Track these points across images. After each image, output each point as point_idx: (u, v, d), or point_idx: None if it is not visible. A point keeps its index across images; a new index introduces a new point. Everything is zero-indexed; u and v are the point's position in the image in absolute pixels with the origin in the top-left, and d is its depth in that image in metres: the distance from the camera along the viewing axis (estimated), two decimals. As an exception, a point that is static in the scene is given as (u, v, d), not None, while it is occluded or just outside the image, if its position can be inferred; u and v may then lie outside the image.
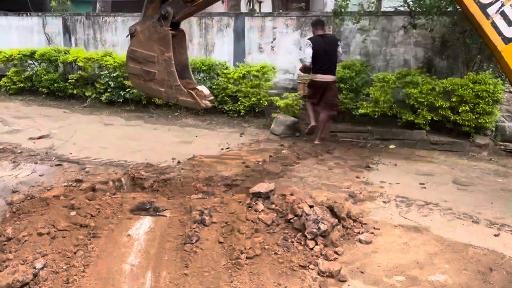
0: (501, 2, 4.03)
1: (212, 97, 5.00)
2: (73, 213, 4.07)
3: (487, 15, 4.08)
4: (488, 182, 5.87)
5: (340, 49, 7.57)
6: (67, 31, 12.35)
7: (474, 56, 7.93)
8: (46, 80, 11.27)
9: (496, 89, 7.26)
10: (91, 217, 4.13)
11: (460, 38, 7.87)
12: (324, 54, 7.25)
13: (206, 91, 4.90)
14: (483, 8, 4.09)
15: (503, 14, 4.04)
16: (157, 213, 4.47)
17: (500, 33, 4.05)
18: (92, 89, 10.93)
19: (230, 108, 9.55)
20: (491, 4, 4.06)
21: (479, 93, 7.27)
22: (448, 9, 7.87)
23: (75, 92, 11.14)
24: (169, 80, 4.69)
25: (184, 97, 4.68)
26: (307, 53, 7.31)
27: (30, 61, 11.70)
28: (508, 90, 11.39)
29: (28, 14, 13.00)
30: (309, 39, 7.47)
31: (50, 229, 3.73)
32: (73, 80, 11.00)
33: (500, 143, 7.57)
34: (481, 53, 7.97)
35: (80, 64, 10.68)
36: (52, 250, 3.54)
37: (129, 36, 4.89)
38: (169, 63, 4.69)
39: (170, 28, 4.69)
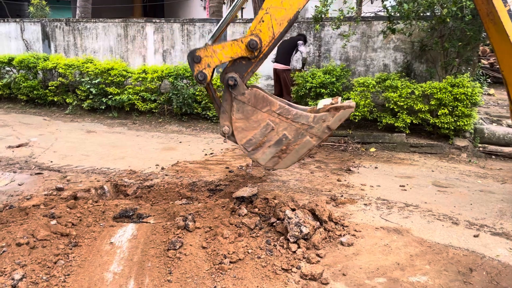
0: None
1: (338, 98, 4.43)
2: (53, 222, 4.00)
3: (505, 1, 4.00)
4: (468, 183, 5.99)
5: (301, 48, 9.07)
6: (46, 37, 12.19)
7: (452, 59, 8.11)
8: (25, 87, 11.10)
9: (474, 92, 7.42)
10: (72, 225, 4.08)
11: (438, 42, 8.03)
12: (280, 48, 9.13)
13: (327, 102, 4.36)
14: None
15: None
16: (141, 220, 4.44)
17: None
18: (73, 96, 10.81)
19: (214, 114, 9.56)
20: None
21: (457, 96, 7.42)
22: (426, 14, 8.04)
23: (55, 99, 11.00)
24: (302, 124, 4.08)
25: (331, 117, 4.06)
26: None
27: (8, 68, 11.53)
28: (486, 92, 11.68)
29: (5, 20, 12.80)
30: None
31: (30, 239, 3.67)
32: (53, 87, 10.87)
33: (479, 145, 7.73)
34: (459, 57, 8.15)
35: (61, 71, 10.55)
36: (32, 261, 3.47)
37: (226, 139, 4.33)
38: (286, 110, 4.08)
39: (247, 87, 4.14)
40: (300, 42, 9.04)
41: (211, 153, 7.36)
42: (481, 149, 7.63)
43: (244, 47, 4.04)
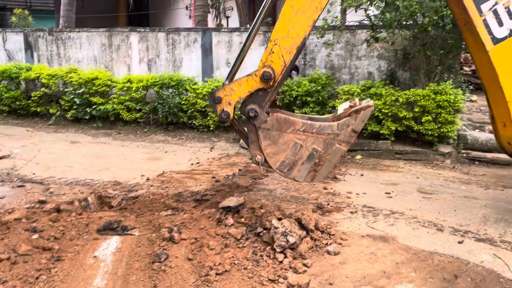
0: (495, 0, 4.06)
1: (356, 100, 4.57)
2: (35, 236, 3.93)
3: (480, 11, 4.10)
4: (452, 189, 6.05)
5: (295, 78, 9.15)
6: (29, 47, 12.05)
7: (435, 67, 8.23)
8: (7, 98, 10.94)
9: (456, 99, 7.54)
10: (55, 239, 4.01)
11: (421, 50, 8.15)
12: None
13: (346, 106, 4.47)
14: (478, 3, 4.11)
15: (496, 13, 4.09)
16: (125, 232, 4.39)
17: (490, 32, 4.12)
18: (56, 107, 10.68)
19: (200, 123, 9.52)
20: (486, 0, 4.09)
21: (440, 103, 7.53)
22: (408, 23, 8.16)
23: (38, 110, 10.85)
24: (328, 134, 4.22)
25: (354, 120, 4.19)
26: None
27: (-11, 79, 11.34)
28: (469, 99, 11.85)
29: (-13, 31, 12.64)
30: None
31: (10, 254, 3.59)
32: (36, 98, 10.72)
33: (463, 151, 7.83)
34: (442, 65, 8.28)
35: (44, 81, 10.42)
36: (13, 276, 3.40)
37: (260, 166, 4.47)
38: (309, 125, 4.22)
39: (267, 114, 4.30)
40: (294, 72, 9.26)
41: (197, 163, 7.32)
42: (464, 155, 7.73)
43: (258, 79, 4.23)
